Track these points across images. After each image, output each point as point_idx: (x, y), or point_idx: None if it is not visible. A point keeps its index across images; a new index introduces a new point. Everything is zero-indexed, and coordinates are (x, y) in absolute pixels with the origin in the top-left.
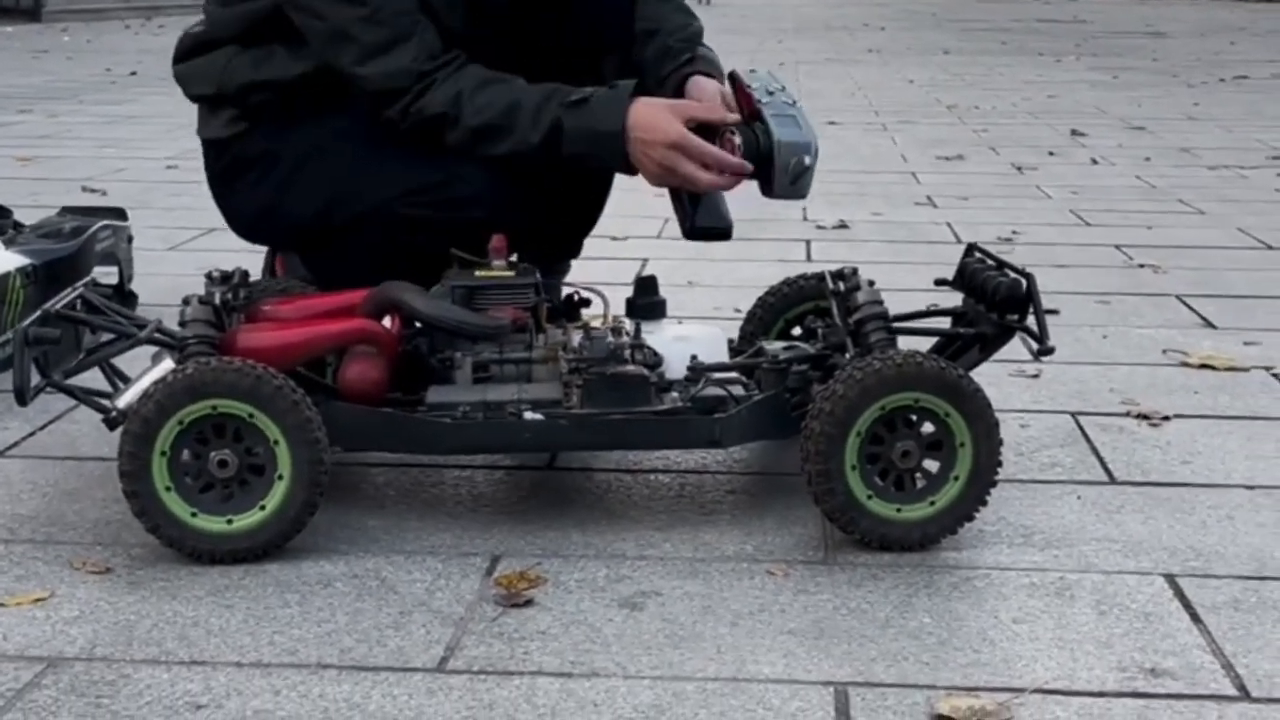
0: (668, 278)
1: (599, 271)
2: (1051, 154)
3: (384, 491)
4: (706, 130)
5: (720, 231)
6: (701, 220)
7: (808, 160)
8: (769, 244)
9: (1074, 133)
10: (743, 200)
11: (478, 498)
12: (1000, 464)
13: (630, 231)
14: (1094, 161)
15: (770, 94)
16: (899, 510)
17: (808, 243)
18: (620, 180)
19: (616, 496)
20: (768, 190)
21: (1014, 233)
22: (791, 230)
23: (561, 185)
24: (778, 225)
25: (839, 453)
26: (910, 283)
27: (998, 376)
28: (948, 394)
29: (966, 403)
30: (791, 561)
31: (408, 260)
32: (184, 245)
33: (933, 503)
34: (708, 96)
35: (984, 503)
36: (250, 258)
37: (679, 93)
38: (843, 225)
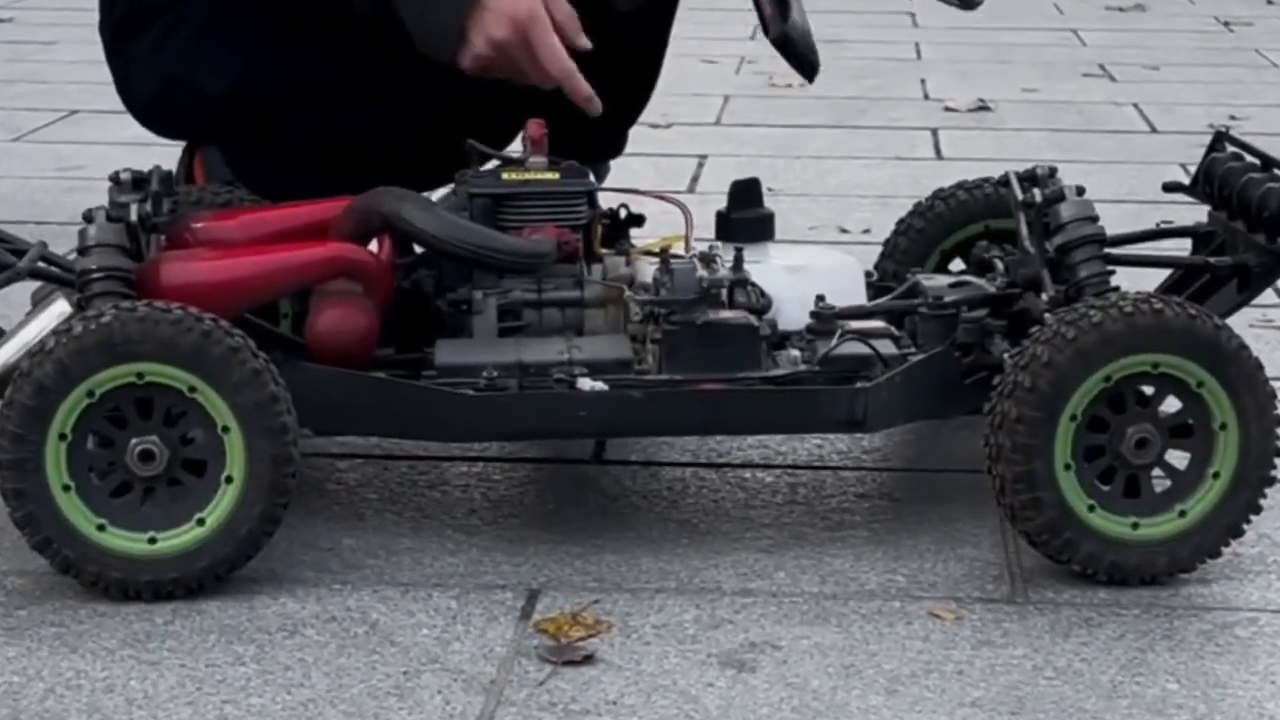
0: None
1: (639, 173)
2: (1272, 2)
3: (361, 495)
4: None
5: (802, 60)
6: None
7: None
8: (879, 134)
9: None
10: None
11: (499, 504)
12: None
13: (676, 115)
14: None
15: None
16: (1135, 526)
17: (934, 132)
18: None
19: (698, 503)
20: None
21: (1231, 118)
22: (908, 114)
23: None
24: (886, 108)
25: (1047, 447)
26: (1088, 190)
27: (1235, 329)
28: (1202, 354)
29: (1229, 366)
30: (964, 600)
31: (379, 156)
32: (35, 134)
33: (1183, 512)
34: None
35: (1257, 510)
36: (149, 154)
37: None
38: (983, 107)
